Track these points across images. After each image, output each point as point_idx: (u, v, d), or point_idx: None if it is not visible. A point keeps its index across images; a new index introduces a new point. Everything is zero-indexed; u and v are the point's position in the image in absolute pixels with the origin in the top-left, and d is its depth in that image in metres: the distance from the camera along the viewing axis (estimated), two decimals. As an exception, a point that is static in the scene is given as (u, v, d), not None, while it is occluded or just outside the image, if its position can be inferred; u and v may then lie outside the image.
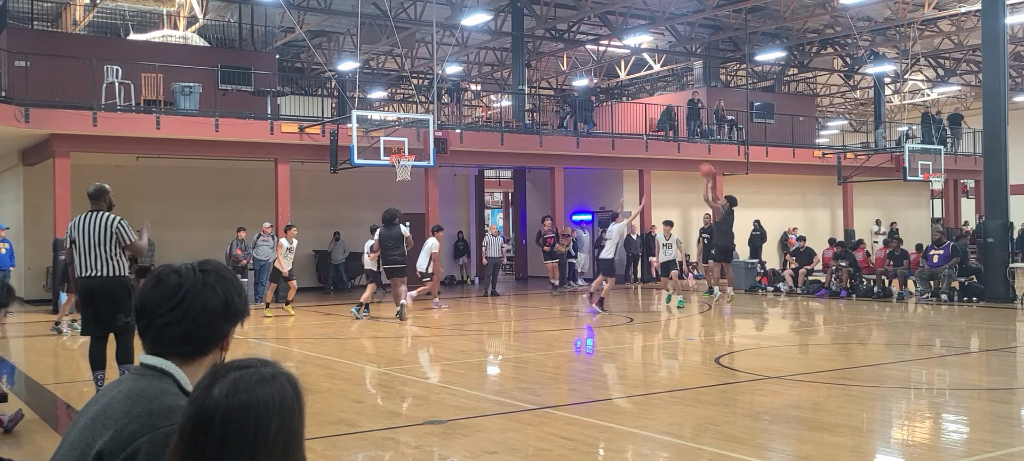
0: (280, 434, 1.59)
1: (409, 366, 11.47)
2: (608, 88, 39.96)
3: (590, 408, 8.42)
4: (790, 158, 29.35)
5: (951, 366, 11.15)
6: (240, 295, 2.03)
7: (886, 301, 19.57)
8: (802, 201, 30.99)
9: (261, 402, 1.58)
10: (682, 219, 29.58)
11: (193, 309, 1.95)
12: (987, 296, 18.34)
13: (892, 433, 7.57)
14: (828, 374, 10.15)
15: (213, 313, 1.96)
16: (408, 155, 20.35)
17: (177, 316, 1.95)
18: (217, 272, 2.02)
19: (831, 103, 45.47)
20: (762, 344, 13.51)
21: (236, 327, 2.03)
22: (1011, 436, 7.23)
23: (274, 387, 1.61)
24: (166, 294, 1.97)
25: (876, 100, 35.31)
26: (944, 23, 30.43)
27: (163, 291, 1.98)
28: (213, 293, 1.97)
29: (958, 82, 37.68)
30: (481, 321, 18.04)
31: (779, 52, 32.17)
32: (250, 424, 1.57)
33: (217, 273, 2.01)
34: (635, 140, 27.06)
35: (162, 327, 1.97)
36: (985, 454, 6.43)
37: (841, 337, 14.26)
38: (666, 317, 16.79)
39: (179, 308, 1.95)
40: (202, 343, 1.97)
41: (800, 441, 7.01)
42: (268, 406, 1.58)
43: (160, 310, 1.97)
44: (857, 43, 31.80)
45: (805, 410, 8.11)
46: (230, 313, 1.99)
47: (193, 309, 1.95)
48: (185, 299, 1.96)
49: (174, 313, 1.95)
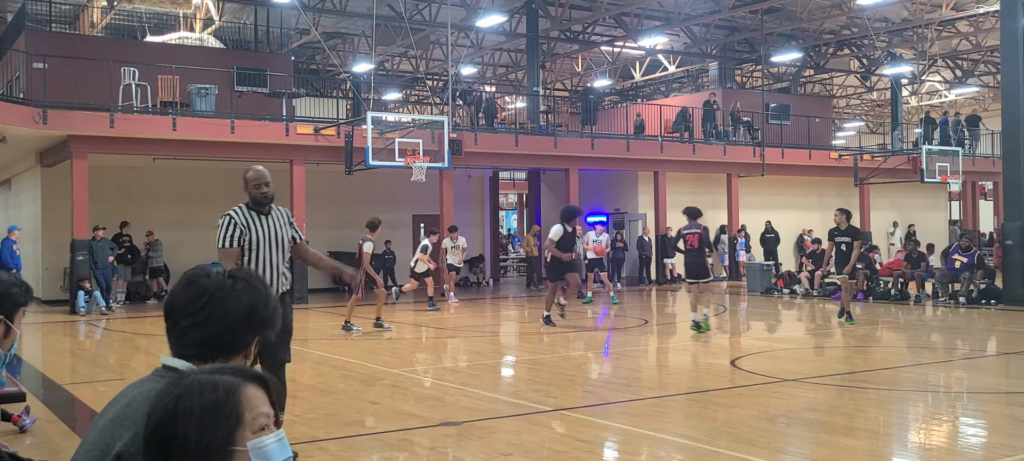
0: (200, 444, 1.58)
1: (424, 367, 11.48)
2: (623, 89, 39.89)
3: (605, 410, 8.40)
4: (806, 160, 29.21)
5: (969, 369, 11.05)
6: (268, 305, 2.01)
7: (903, 304, 19.43)
8: (818, 203, 30.83)
9: (184, 411, 1.59)
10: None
11: (215, 314, 1.95)
12: (1006, 299, 18.19)
13: (909, 436, 7.51)
14: (844, 377, 10.08)
15: (235, 320, 1.96)
16: (423, 156, 20.39)
17: (199, 319, 1.95)
18: (247, 280, 2.01)
19: (848, 104, 45.24)
20: (777, 346, 13.44)
21: (260, 336, 2.01)
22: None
23: (209, 398, 1.60)
24: (192, 296, 1.98)
25: (893, 101, 35.09)
26: (962, 24, 30.23)
27: (190, 293, 1.98)
28: (238, 300, 1.96)
29: (976, 83, 37.41)
30: (495, 323, 18.04)
31: (795, 53, 32.04)
32: (180, 432, 1.58)
33: (247, 281, 2.01)
34: (650, 141, 27.01)
35: (185, 329, 1.97)
36: (1004, 458, 6.37)
37: (858, 340, 14.16)
38: (683, 319, 16.73)
39: (202, 311, 1.95)
40: (223, 349, 1.96)
41: (816, 444, 6.97)
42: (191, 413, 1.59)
43: (185, 312, 1.97)
44: (874, 44, 31.63)
45: (821, 413, 8.06)
46: (254, 322, 1.98)
47: (215, 314, 1.95)
48: (209, 303, 1.96)
49: (197, 316, 1.95)
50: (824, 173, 30.13)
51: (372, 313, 15.94)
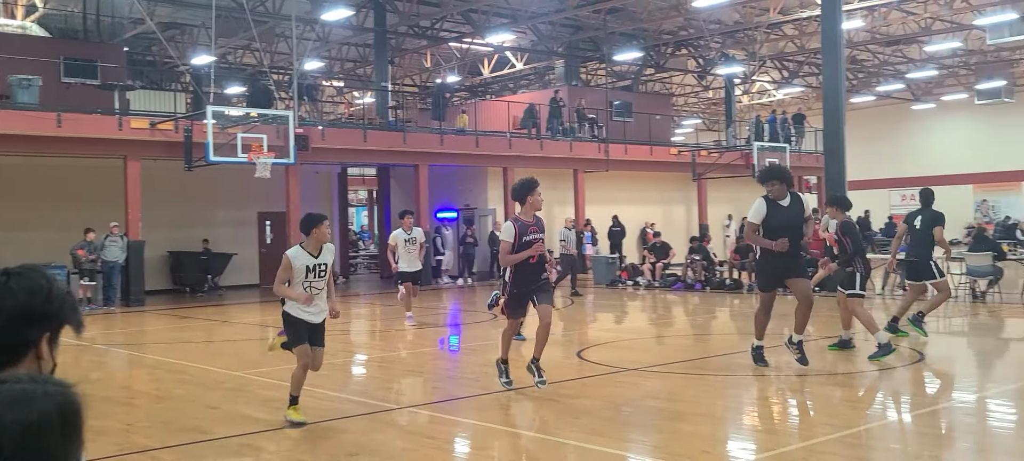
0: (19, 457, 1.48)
1: (269, 369, 11.16)
2: (473, 86, 40.08)
3: (454, 406, 8.41)
4: (648, 155, 30.24)
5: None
6: (49, 299, 1.87)
7: (737, 293, 20.45)
8: (660, 197, 31.99)
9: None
10: (545, 216, 29.95)
11: None
12: (828, 286, 19.42)
13: (743, 419, 7.91)
14: (684, 364, 10.51)
15: (8, 318, 1.82)
16: (268, 152, 19.82)
17: None
18: (22, 274, 1.87)
19: (686, 102, 47.10)
20: (622, 337, 13.86)
21: (48, 334, 1.87)
22: (851, 417, 7.67)
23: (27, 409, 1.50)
24: None
25: (727, 100, 36.83)
26: (788, 27, 32.03)
27: None
28: (11, 296, 1.83)
29: (801, 83, 39.75)
30: (345, 321, 17.75)
31: (636, 52, 33.08)
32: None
33: (22, 275, 1.86)
34: (499, 138, 27.28)
35: None
36: (828, 436, 6.80)
37: (697, 328, 14.81)
38: (531, 313, 16.98)
39: None
40: (4, 350, 1.82)
41: (658, 431, 7.23)
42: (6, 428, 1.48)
43: None
44: (709, 45, 33.06)
45: (663, 400, 8.36)
46: (32, 318, 1.85)
47: None
48: None
49: None
50: (665, 168, 31.28)
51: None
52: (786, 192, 9.33)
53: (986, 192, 40.18)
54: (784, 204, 9.28)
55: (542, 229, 8.51)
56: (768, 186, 9.34)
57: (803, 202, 9.53)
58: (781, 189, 9.29)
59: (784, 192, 9.29)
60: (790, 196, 9.33)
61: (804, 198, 9.64)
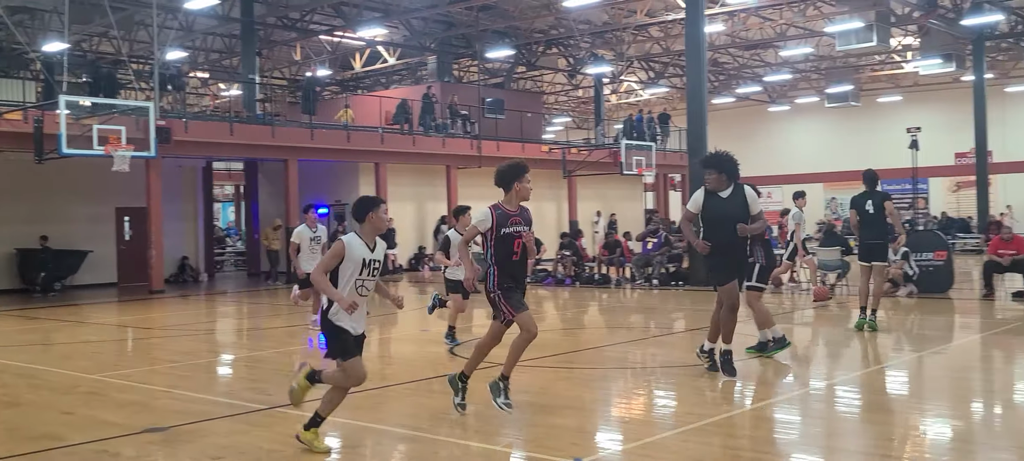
0: None
1: (127, 371, 10.68)
2: (344, 80, 39.48)
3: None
4: (520, 152, 30.50)
5: (661, 345, 12.13)
6: None
7: (606, 288, 20.95)
8: (532, 193, 32.34)
9: None
10: (418, 212, 29.93)
11: None
12: (691, 280, 20.16)
13: (612, 411, 8.11)
14: (554, 359, 10.68)
15: None
16: (126, 145, 18.97)
17: None
18: None
19: (556, 101, 47.83)
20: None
21: None
22: (712, 407, 7.99)
23: None
24: None
25: (596, 99, 37.62)
26: (654, 29, 32.99)
27: None
28: None
29: (666, 84, 41.02)
30: (210, 320, 17.18)
31: (508, 50, 33.36)
32: None
33: None
34: (371, 133, 26.98)
35: None
36: (691, 425, 7.06)
37: (566, 323, 15.08)
38: (406, 309, 16.88)
39: None
40: None
41: (530, 425, 7.32)
42: None
43: None
44: (579, 44, 33.67)
45: (534, 394, 8.48)
46: None
47: None
48: None
49: None
50: (536, 165, 31.37)
51: None
52: (726, 183, 8.60)
53: (835, 190, 42.58)
54: (723, 196, 8.64)
55: (528, 221, 7.43)
56: (705, 176, 8.70)
57: (746, 195, 8.69)
58: (719, 179, 8.61)
59: (723, 183, 8.61)
60: (733, 188, 8.62)
61: (750, 192, 8.78)
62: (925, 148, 32.15)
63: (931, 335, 12.72)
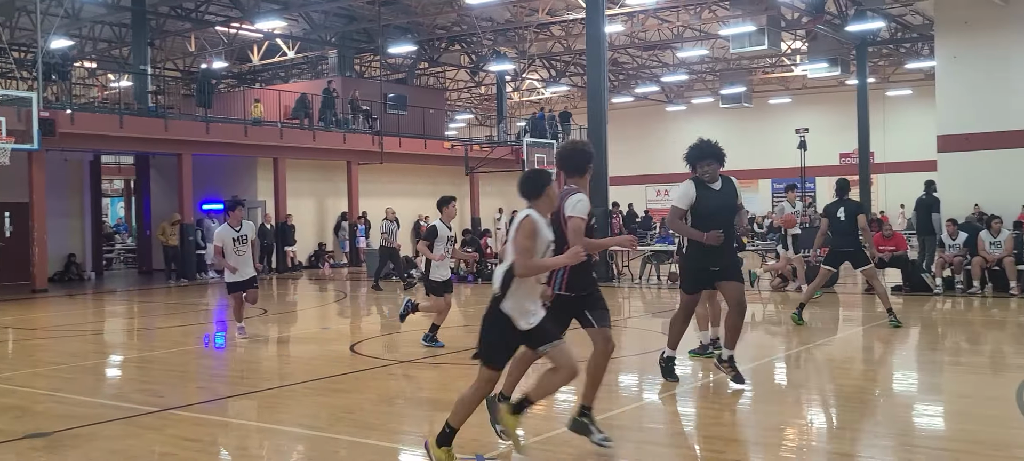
0: None
1: (7, 374, 10.19)
2: (241, 73, 38.53)
3: (219, 406, 8.09)
4: (422, 149, 30.42)
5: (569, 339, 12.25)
6: None
7: (508, 284, 21.07)
8: (434, 190, 32.17)
9: None
10: (318, 208, 29.50)
11: None
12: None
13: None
14: (456, 355, 10.69)
15: None
16: (6, 137, 18.10)
17: None
18: None
19: (459, 97, 47.82)
20: (395, 330, 13.87)
21: None
22: (611, 401, 8.13)
23: None
24: None
25: (498, 96, 37.77)
26: (556, 28, 33.32)
27: None
28: None
29: (568, 83, 41.50)
30: (97, 320, 16.55)
31: (410, 46, 33.17)
32: None
33: None
34: (269, 127, 26.43)
35: None
36: (602, 414, 7.16)
37: (469, 319, 15.11)
38: (304, 307, 16.63)
39: None
40: None
41: (430, 421, 7.31)
42: None
43: None
44: (481, 42, 33.74)
45: (435, 391, 8.48)
46: None
47: None
48: None
49: None
50: (439, 162, 31.60)
51: None
52: (718, 173, 7.80)
53: (730, 189, 43.81)
54: (715, 188, 7.76)
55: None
56: (700, 167, 7.75)
57: (735, 186, 7.99)
58: (714, 170, 7.74)
59: (717, 174, 7.77)
60: (722, 180, 7.80)
61: (735, 182, 8.06)
62: (812, 148, 33.36)
63: (818, 328, 13.24)
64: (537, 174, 5.75)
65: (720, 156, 7.76)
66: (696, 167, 7.79)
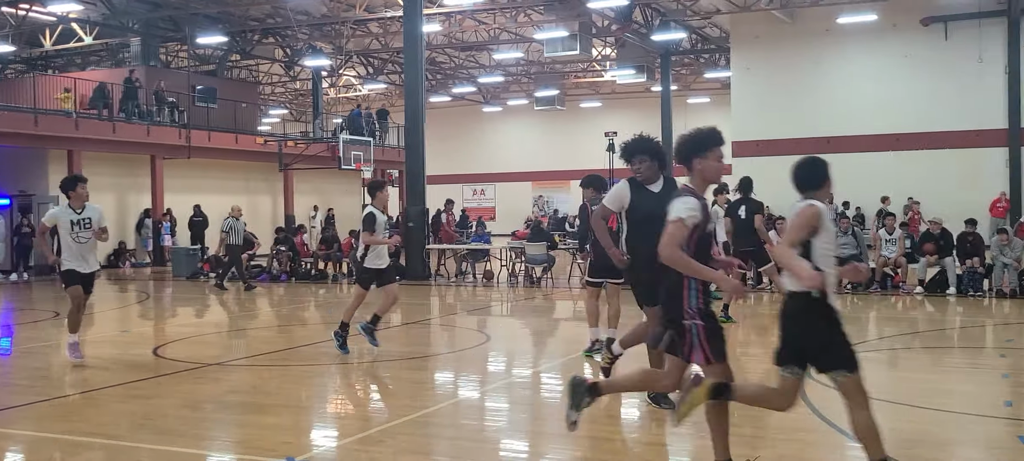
0: None
1: None
2: (32, 58, 35.70)
3: (5, 417, 7.51)
4: (233, 144, 29.38)
5: (379, 338, 12.22)
6: None
7: (323, 283, 20.73)
8: (245, 187, 31.25)
9: None
10: (118, 205, 27.86)
11: None
12: (409, 275, 20.47)
13: (328, 407, 8.07)
14: (268, 356, 10.43)
15: None
16: None
17: None
18: None
19: (273, 92, 46.48)
20: (203, 331, 13.36)
21: None
22: (426, 399, 8.20)
23: None
24: None
25: (314, 92, 37.05)
26: (374, 25, 33.03)
27: None
28: None
29: (385, 80, 41.26)
30: None
31: (221, 37, 31.90)
32: None
33: None
34: (63, 118, 24.69)
35: None
36: (406, 417, 7.21)
37: (281, 320, 14.75)
38: (102, 309, 15.65)
39: None
40: None
41: (239, 426, 7.12)
42: None
43: None
44: (296, 35, 32.96)
45: (244, 394, 8.24)
46: None
47: None
48: None
49: None
50: (251, 158, 30.62)
51: None
52: (658, 174, 6.85)
53: (542, 189, 45.13)
54: (654, 190, 6.77)
55: None
56: (635, 163, 6.83)
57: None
58: (652, 169, 6.80)
59: (656, 174, 6.83)
60: (663, 181, 6.85)
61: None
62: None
63: (625, 323, 13.85)
64: (816, 162, 5.15)
65: (657, 153, 6.82)
66: (631, 163, 6.87)
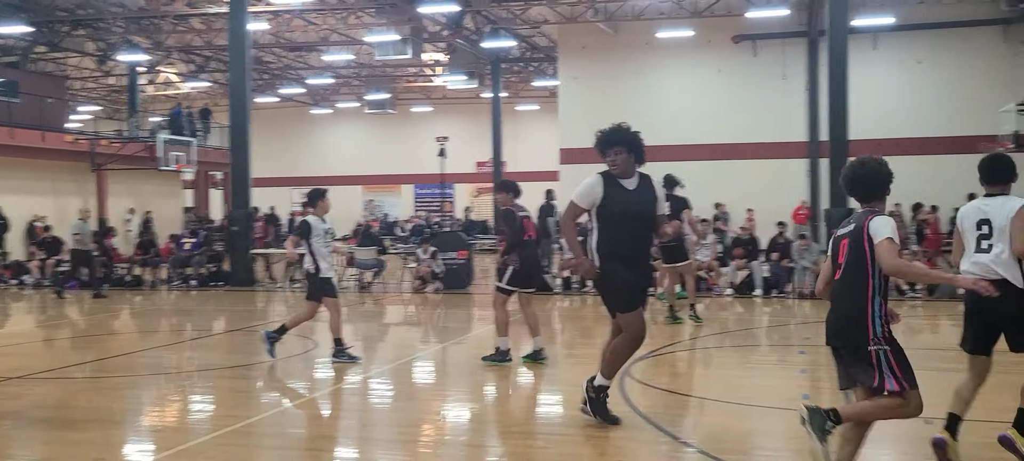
0: None
1: None
2: None
3: None
4: (39, 142, 27.44)
5: (198, 348, 11.78)
6: None
7: (139, 290, 19.73)
8: (52, 188, 29.24)
9: None
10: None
11: None
12: (233, 280, 19.82)
13: (143, 420, 7.72)
14: (77, 368, 9.85)
15: None
16: None
17: None
18: None
19: (84, 87, 43.79)
20: (4, 343, 12.43)
21: None
22: (250, 408, 7.99)
23: None
24: None
25: (130, 88, 35.23)
26: (196, 21, 31.73)
27: None
28: None
29: (208, 78, 39.71)
30: None
31: (25, 26, 29.73)
32: None
33: None
34: None
35: None
36: (228, 428, 7.00)
37: (93, 328, 13.94)
38: None
39: None
40: None
41: (44, 442, 6.71)
42: None
43: None
44: (111, 29, 31.21)
45: (50, 409, 7.76)
46: None
47: None
48: None
49: None
50: (59, 157, 28.70)
51: None
52: (634, 168, 6.47)
53: (373, 193, 44.77)
54: (629, 186, 6.43)
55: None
56: (610, 156, 6.41)
57: (655, 187, 6.62)
58: (628, 162, 6.41)
59: (632, 168, 6.45)
60: (639, 177, 6.51)
61: (659, 184, 6.78)
62: (451, 156, 35.11)
63: (454, 327, 14.01)
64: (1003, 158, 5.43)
65: (634, 145, 6.43)
66: (606, 155, 6.46)
